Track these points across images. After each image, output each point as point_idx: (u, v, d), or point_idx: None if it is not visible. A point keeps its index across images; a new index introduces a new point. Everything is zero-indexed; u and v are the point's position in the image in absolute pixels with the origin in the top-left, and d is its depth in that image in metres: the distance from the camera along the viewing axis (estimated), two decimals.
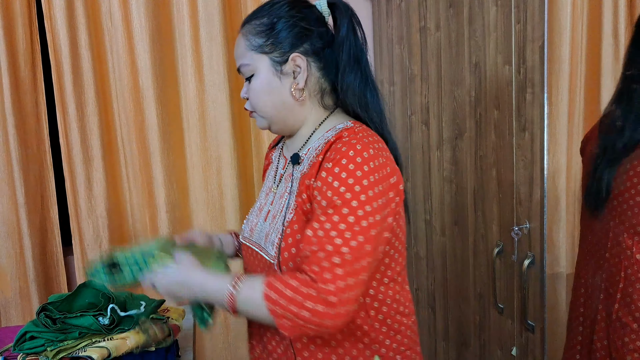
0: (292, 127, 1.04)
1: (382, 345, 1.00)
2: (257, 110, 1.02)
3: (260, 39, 0.99)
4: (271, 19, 1.00)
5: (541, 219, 1.16)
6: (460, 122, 1.53)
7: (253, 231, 1.07)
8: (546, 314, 1.19)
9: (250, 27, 1.01)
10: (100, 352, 1.09)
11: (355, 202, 0.87)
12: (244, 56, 1.01)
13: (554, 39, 1.84)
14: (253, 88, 1.00)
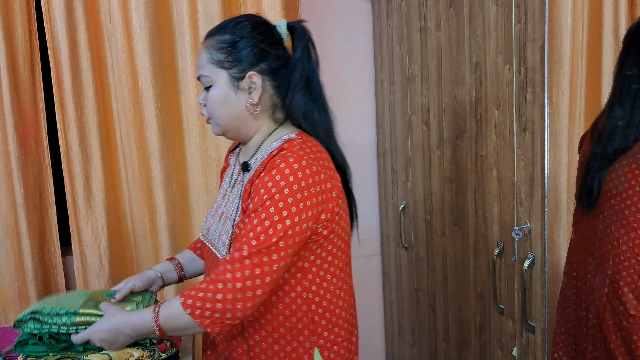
0: (245, 136, 1.13)
1: (321, 337, 1.08)
2: (212, 119, 1.11)
3: (221, 55, 1.07)
4: (234, 37, 1.08)
5: (542, 219, 1.16)
6: (460, 122, 1.53)
7: (209, 231, 1.16)
8: (547, 314, 1.19)
9: (213, 42, 1.09)
10: (101, 358, 1.09)
11: (281, 203, 0.95)
12: (205, 68, 1.08)
13: (554, 38, 1.83)
14: (210, 98, 1.08)
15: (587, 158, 1.48)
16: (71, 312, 1.11)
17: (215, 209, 1.19)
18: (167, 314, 0.99)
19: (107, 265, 1.95)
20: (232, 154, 1.27)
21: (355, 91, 2.30)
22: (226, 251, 1.05)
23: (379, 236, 2.44)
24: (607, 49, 1.96)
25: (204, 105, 1.11)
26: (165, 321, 0.99)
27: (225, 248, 1.06)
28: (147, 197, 1.96)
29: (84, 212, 1.93)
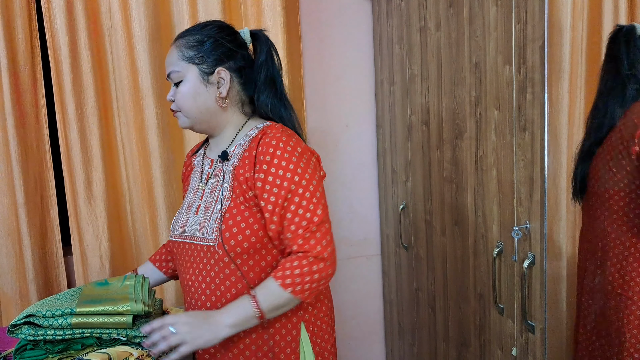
0: (215, 128, 1.22)
1: (306, 311, 1.20)
2: (183, 111, 1.18)
3: (192, 52, 1.18)
4: (202, 37, 1.19)
5: (541, 219, 1.16)
6: (460, 122, 1.53)
7: (184, 227, 1.21)
8: (547, 314, 1.19)
9: (184, 41, 1.19)
10: (101, 357, 1.08)
11: (304, 182, 1.10)
12: (176, 64, 1.18)
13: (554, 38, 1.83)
14: (181, 92, 1.17)
15: (577, 152, 1.64)
16: (67, 313, 1.11)
17: (188, 207, 1.25)
18: (267, 297, 1.07)
19: (108, 265, 1.95)
20: (194, 157, 1.35)
21: (355, 91, 2.30)
22: (216, 235, 1.12)
23: (379, 236, 2.44)
24: None
25: (173, 100, 1.19)
26: (266, 302, 1.07)
27: (215, 230, 1.12)
28: (148, 197, 1.96)
29: (85, 212, 1.93)
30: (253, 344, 1.16)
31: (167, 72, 1.20)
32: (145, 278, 1.28)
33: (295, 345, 1.18)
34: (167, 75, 1.20)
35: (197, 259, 1.18)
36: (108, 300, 1.15)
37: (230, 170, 1.17)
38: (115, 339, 1.14)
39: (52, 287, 1.98)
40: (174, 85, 1.19)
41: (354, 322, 2.44)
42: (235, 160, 1.17)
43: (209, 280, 1.16)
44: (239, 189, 1.13)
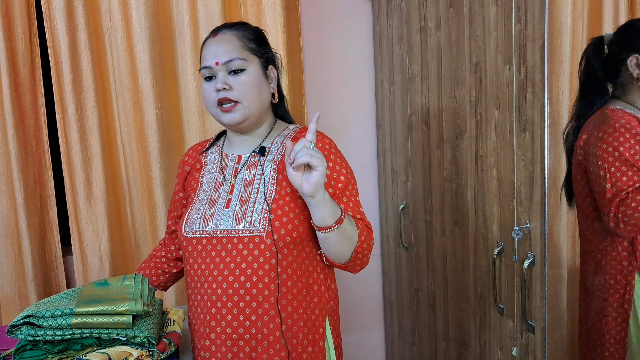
0: (258, 124, 1.24)
1: (327, 303, 1.23)
2: (245, 102, 1.16)
3: (253, 44, 1.20)
4: (257, 34, 1.23)
5: (542, 219, 1.16)
6: (460, 122, 1.53)
7: (209, 221, 1.18)
8: (547, 314, 1.19)
9: (243, 32, 1.20)
10: (101, 357, 1.08)
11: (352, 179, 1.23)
12: (239, 52, 1.17)
13: (554, 38, 1.83)
14: (244, 81, 1.16)
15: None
16: (67, 313, 1.10)
17: (209, 202, 1.22)
18: (349, 222, 1.13)
19: (108, 265, 1.95)
20: (204, 155, 1.32)
21: (355, 91, 2.30)
22: (264, 225, 1.13)
23: (379, 236, 2.44)
24: None
25: (224, 88, 1.15)
26: (345, 224, 1.11)
27: (264, 220, 1.13)
28: (147, 197, 1.96)
29: (85, 212, 1.93)
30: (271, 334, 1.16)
31: (221, 59, 1.16)
32: (144, 278, 1.28)
33: (311, 337, 1.19)
34: (222, 63, 1.16)
35: (233, 252, 1.15)
36: (107, 300, 1.14)
37: (271, 165, 1.20)
38: (115, 339, 1.14)
39: (51, 287, 1.97)
40: (231, 72, 1.16)
41: (353, 322, 2.43)
42: (276, 156, 1.21)
43: (250, 273, 1.13)
44: (285, 181, 1.16)
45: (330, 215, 1.08)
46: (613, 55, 1.49)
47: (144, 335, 1.14)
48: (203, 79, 1.20)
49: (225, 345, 1.15)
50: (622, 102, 1.46)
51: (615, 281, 1.41)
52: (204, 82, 1.20)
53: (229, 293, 1.14)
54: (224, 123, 1.19)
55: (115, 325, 1.13)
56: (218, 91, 1.15)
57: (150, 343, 1.15)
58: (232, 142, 1.28)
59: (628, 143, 1.34)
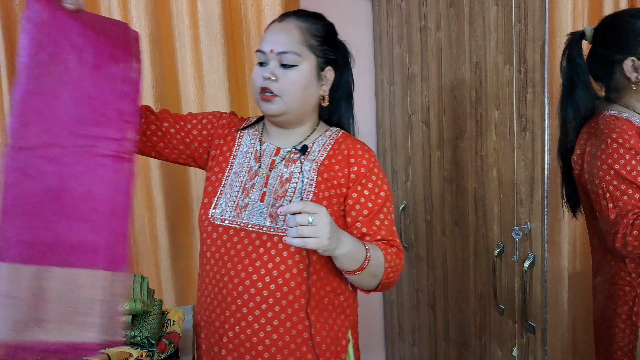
0: (299, 122, 1.18)
1: (351, 314, 1.21)
2: (285, 98, 1.11)
3: (314, 41, 1.13)
4: (325, 30, 1.16)
5: (542, 219, 1.16)
6: (460, 121, 1.53)
7: (241, 212, 1.13)
8: (547, 314, 1.19)
9: (308, 25, 1.13)
10: (100, 357, 1.08)
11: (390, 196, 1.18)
12: (296, 46, 1.11)
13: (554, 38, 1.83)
14: (292, 78, 1.10)
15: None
16: None
17: (243, 191, 1.16)
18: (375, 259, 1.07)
19: None
20: (241, 133, 1.24)
21: (355, 91, 2.29)
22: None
23: None
24: None
25: (269, 79, 1.10)
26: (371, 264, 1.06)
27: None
28: (147, 198, 1.96)
29: None
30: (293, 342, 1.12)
31: (277, 49, 1.10)
32: (144, 278, 1.28)
33: (334, 348, 1.16)
34: (276, 52, 1.10)
35: (260, 249, 1.09)
36: None
37: (312, 166, 1.15)
38: None
39: None
40: (281, 65, 1.10)
41: None
42: (317, 157, 1.16)
43: (276, 274, 1.08)
44: (323, 184, 1.13)
45: (352, 265, 1.04)
46: (602, 56, 1.38)
47: (143, 335, 1.14)
48: (256, 62, 1.15)
49: (244, 346, 1.09)
50: (618, 105, 1.36)
51: (623, 292, 1.34)
52: (256, 66, 1.14)
53: (251, 292, 1.08)
54: (262, 111, 1.15)
55: None
56: (264, 79, 1.10)
57: (150, 343, 1.15)
58: (270, 132, 1.22)
59: (623, 159, 1.25)
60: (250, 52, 1.97)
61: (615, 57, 1.34)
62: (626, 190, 1.24)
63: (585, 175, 1.33)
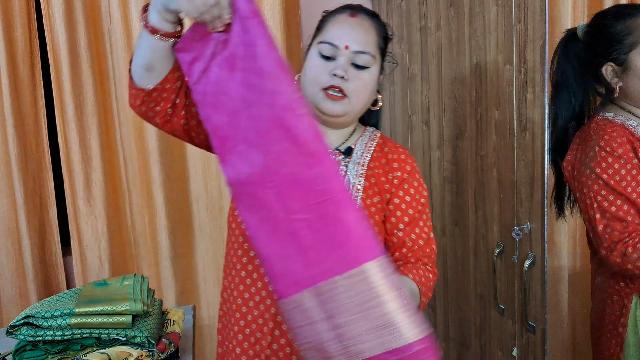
0: (349, 124, 1.11)
1: None
2: (353, 99, 1.03)
3: (383, 44, 1.09)
4: (388, 34, 1.12)
5: (542, 219, 1.16)
6: (460, 121, 1.53)
7: None
8: (547, 314, 1.19)
9: (379, 26, 1.09)
10: (100, 357, 1.08)
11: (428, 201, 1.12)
12: (373, 47, 1.05)
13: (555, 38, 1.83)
14: (365, 80, 1.04)
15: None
16: (66, 313, 1.10)
17: None
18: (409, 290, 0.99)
19: (107, 265, 1.95)
20: None
21: None
22: None
23: None
24: None
25: (346, 79, 1.01)
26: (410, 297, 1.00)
27: None
28: (147, 197, 1.96)
29: (84, 212, 1.93)
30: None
31: (354, 47, 1.02)
32: (144, 278, 1.28)
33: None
34: (353, 51, 1.02)
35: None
36: (107, 300, 1.14)
37: (357, 170, 1.08)
38: (115, 339, 1.14)
39: (51, 287, 1.97)
40: (355, 65, 1.03)
41: None
42: (361, 160, 1.09)
43: None
44: (370, 189, 1.07)
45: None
46: (588, 56, 1.31)
47: (143, 335, 1.14)
48: (317, 52, 1.04)
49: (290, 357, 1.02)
50: (615, 106, 1.30)
51: (611, 301, 1.29)
52: (317, 57, 1.04)
53: None
54: (322, 109, 1.04)
55: (115, 325, 1.12)
56: (334, 76, 1.01)
57: (150, 343, 1.15)
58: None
59: (611, 169, 1.19)
60: None
61: (597, 60, 1.28)
62: (614, 201, 1.19)
63: (575, 183, 1.29)
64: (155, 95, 0.96)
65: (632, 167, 1.19)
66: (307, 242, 0.80)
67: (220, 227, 2.00)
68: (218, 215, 2.00)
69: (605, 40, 1.26)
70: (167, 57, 0.92)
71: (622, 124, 1.25)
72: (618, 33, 1.24)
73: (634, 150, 1.21)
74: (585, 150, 1.27)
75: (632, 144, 1.21)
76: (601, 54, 1.27)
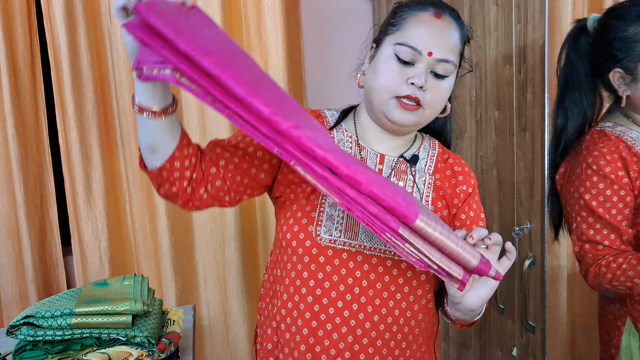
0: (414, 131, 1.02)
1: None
2: (428, 110, 0.93)
3: (462, 50, 0.97)
4: (469, 39, 0.98)
5: (542, 219, 1.16)
6: (460, 121, 1.53)
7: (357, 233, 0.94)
8: (547, 314, 1.19)
9: (462, 30, 0.95)
10: (101, 357, 1.08)
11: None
12: (455, 55, 0.93)
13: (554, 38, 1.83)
14: (444, 90, 0.93)
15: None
16: (66, 313, 1.11)
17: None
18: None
19: (107, 265, 1.95)
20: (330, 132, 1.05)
21: (355, 91, 2.29)
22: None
23: None
24: None
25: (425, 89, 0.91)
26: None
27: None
28: (147, 197, 1.96)
29: (84, 211, 1.93)
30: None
31: (438, 54, 0.90)
32: (144, 278, 1.28)
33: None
34: (436, 59, 0.90)
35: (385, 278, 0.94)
36: (107, 300, 1.14)
37: (426, 179, 0.99)
38: (115, 339, 1.14)
39: (51, 287, 1.97)
40: (434, 74, 0.92)
41: None
42: (425, 169, 1.01)
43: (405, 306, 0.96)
44: (439, 202, 0.99)
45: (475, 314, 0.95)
46: (597, 56, 1.18)
47: (143, 335, 1.14)
48: (393, 54, 0.92)
49: None
50: (619, 115, 1.19)
51: (607, 320, 1.23)
52: (393, 60, 0.92)
53: (380, 328, 0.93)
54: (392, 118, 0.93)
55: (115, 325, 1.12)
56: (412, 84, 0.90)
57: (150, 343, 1.15)
58: (367, 133, 1.01)
59: (595, 189, 1.11)
60: (250, 52, 1.98)
61: (605, 64, 1.15)
62: (593, 224, 1.12)
63: (563, 200, 1.21)
64: (166, 174, 0.89)
65: (621, 187, 1.10)
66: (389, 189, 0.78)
67: (220, 227, 2.00)
68: (218, 215, 2.01)
69: (615, 43, 1.13)
70: (166, 134, 0.87)
71: (619, 137, 1.14)
72: (630, 38, 1.11)
73: (625, 168, 1.11)
74: (574, 165, 1.18)
75: (624, 161, 1.11)
76: (610, 58, 1.14)
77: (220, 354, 2.09)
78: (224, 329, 2.08)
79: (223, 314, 2.05)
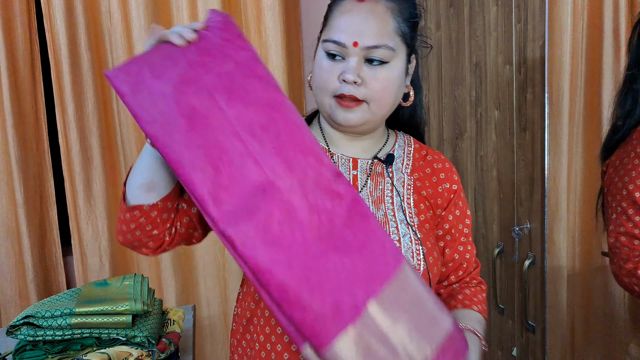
0: (375, 129, 0.92)
1: None
2: (372, 104, 0.85)
3: (408, 27, 0.86)
4: (419, 11, 0.88)
5: (542, 219, 1.16)
6: (460, 122, 1.53)
7: None
8: (547, 314, 1.19)
9: (402, 7, 0.86)
10: (101, 357, 1.08)
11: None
12: (390, 38, 0.83)
13: (554, 38, 1.83)
14: (383, 79, 0.84)
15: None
16: (66, 313, 1.11)
17: None
18: (482, 327, 0.93)
19: (107, 265, 1.95)
20: None
21: None
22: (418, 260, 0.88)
23: None
24: (607, 49, 1.96)
25: (359, 84, 0.83)
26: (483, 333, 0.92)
27: (416, 256, 0.88)
28: None
29: (84, 211, 1.93)
30: None
31: (364, 42, 0.82)
32: (144, 278, 1.28)
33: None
34: (363, 47, 0.82)
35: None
36: (107, 300, 1.14)
37: (406, 179, 0.93)
38: (115, 339, 1.14)
39: (51, 287, 1.97)
40: (369, 61, 0.84)
41: None
42: (403, 169, 0.94)
43: None
44: (422, 204, 0.93)
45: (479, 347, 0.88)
46: None
47: (144, 335, 1.14)
48: (324, 52, 0.87)
49: None
50: None
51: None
52: (324, 58, 0.86)
53: None
54: (337, 120, 0.87)
55: (115, 325, 1.13)
56: (344, 82, 0.83)
57: (150, 343, 1.15)
58: (334, 138, 0.93)
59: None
60: None
61: None
62: (633, 216, 1.05)
63: (605, 189, 1.15)
64: (155, 215, 0.81)
65: None
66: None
67: None
68: None
69: None
70: (169, 171, 0.81)
71: None
72: None
73: None
74: (621, 153, 1.12)
75: None
76: None
77: (220, 353, 2.09)
78: (224, 329, 2.08)
79: (223, 314, 2.05)
